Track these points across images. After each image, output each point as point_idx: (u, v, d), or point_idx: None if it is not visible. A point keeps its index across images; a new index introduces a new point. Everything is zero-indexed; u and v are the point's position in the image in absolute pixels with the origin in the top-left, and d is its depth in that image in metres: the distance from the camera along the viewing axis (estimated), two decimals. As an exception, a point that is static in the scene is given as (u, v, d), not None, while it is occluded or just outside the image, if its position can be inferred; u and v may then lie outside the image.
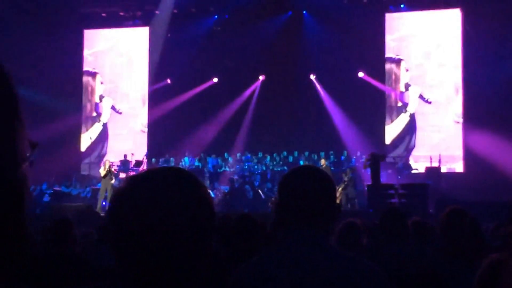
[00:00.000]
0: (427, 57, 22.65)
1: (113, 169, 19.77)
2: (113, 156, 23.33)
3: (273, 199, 18.47)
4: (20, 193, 0.84)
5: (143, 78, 25.08)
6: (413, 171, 21.20)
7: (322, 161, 20.61)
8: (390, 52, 23.13)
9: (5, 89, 0.92)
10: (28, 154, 0.96)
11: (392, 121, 22.88)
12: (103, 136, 25.16)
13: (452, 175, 20.63)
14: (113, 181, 19.22)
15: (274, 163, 22.84)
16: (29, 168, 0.99)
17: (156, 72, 24.74)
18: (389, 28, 23.10)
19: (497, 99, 19.73)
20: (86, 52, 25.19)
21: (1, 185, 0.84)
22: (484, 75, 20.47)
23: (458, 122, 21.87)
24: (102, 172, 19.73)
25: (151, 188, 1.51)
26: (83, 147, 24.90)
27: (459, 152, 21.40)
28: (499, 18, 20.12)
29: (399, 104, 22.93)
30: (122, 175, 20.65)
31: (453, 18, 22.30)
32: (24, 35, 22.02)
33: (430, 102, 22.35)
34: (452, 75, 22.23)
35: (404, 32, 22.90)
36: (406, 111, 22.77)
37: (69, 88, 24.54)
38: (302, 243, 2.37)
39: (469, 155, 20.65)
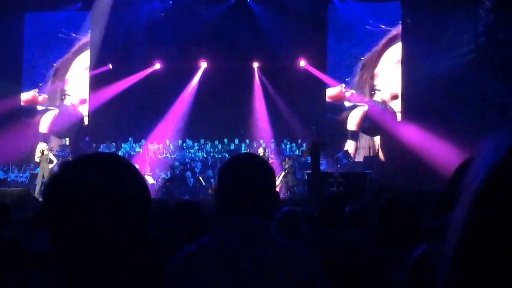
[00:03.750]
0: (369, 49, 22.91)
1: (49, 155, 19.51)
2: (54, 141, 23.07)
3: (213, 186, 18.47)
4: None
5: (85, 63, 24.70)
6: (351, 160, 21.47)
7: (260, 150, 20.63)
8: (332, 42, 23.31)
9: None
10: None
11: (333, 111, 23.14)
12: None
13: (389, 165, 20.97)
14: (51, 166, 19.01)
15: (216, 150, 22.86)
16: None
17: (98, 57, 24.40)
18: (332, 19, 23.27)
19: (434, 93, 20.08)
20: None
21: None
22: (421, 67, 20.83)
23: (396, 114, 22.26)
24: (37, 156, 19.56)
25: (84, 173, 1.51)
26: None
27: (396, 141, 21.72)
28: (437, 11, 20.45)
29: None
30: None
31: (394, 10, 22.58)
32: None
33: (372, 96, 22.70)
34: (393, 68, 22.56)
35: (346, 23, 23.07)
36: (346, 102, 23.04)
37: (9, 71, 24.01)
38: (241, 230, 2.38)
39: (406, 146, 20.99)
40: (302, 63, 23.46)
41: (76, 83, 24.86)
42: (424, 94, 20.45)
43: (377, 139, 22.38)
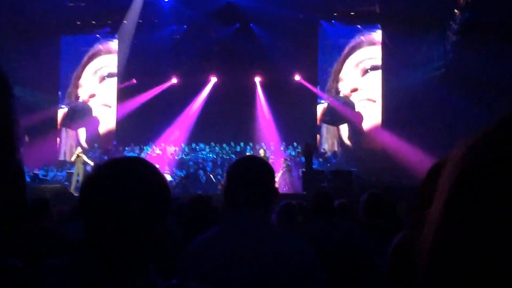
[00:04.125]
0: (353, 65, 22.90)
1: (83, 156, 19.60)
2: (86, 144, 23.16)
3: (222, 183, 18.47)
4: (22, 169, 0.86)
5: (113, 78, 24.73)
6: (340, 160, 21.45)
7: (261, 151, 20.74)
8: (321, 59, 23.32)
9: (2, 88, 0.92)
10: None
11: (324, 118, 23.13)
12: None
13: (373, 164, 20.95)
14: (83, 165, 19.17)
15: (224, 152, 22.86)
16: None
17: (124, 73, 24.46)
18: (322, 39, 23.27)
19: (410, 103, 20.07)
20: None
21: (9, 163, 0.85)
22: (399, 81, 20.83)
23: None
24: (73, 158, 19.76)
25: (114, 175, 1.55)
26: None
27: (380, 143, 21.70)
28: (411, 32, 20.47)
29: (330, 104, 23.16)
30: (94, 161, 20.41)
31: (374, 32, 22.58)
32: (13, 43, 21.59)
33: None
34: (374, 82, 22.55)
35: (334, 42, 23.07)
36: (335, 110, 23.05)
37: (49, 86, 24.07)
38: (246, 221, 2.38)
39: (386, 148, 20.97)
40: (297, 77, 23.51)
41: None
42: (400, 102, 20.44)
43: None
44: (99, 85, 24.84)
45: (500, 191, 0.50)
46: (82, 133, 24.50)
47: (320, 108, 22.97)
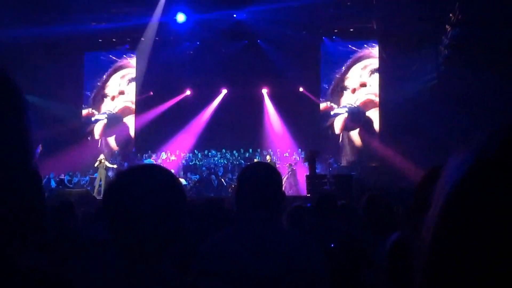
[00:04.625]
0: (354, 78, 22.88)
1: (105, 162, 19.71)
2: (107, 152, 23.23)
3: (233, 186, 18.49)
4: (38, 176, 0.86)
5: (132, 91, 24.81)
6: (340, 165, 21.43)
7: (268, 157, 20.80)
8: (323, 73, 23.32)
9: (15, 96, 0.91)
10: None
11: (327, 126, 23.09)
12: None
13: (371, 169, 20.92)
14: (105, 171, 19.28)
15: (234, 157, 22.87)
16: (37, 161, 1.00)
17: (142, 86, 24.54)
18: (324, 54, 23.29)
19: (404, 110, 20.01)
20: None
21: (25, 171, 0.84)
22: (395, 91, 20.81)
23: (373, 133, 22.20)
24: (96, 164, 19.89)
25: (134, 180, 1.59)
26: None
27: (376, 151, 21.65)
28: (405, 46, 20.48)
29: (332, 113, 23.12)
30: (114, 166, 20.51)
31: (373, 48, 22.58)
32: (40, 60, 21.73)
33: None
34: (372, 94, 22.54)
35: (335, 57, 23.08)
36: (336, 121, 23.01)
37: (73, 99, 24.22)
38: (256, 222, 2.39)
39: (383, 154, 20.92)
40: (301, 89, 23.52)
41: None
42: (397, 111, 20.40)
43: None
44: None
45: (491, 198, 0.50)
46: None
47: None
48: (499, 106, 15.91)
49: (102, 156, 20.17)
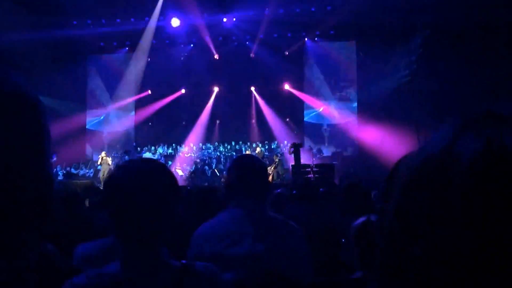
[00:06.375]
0: (334, 74, 22.93)
1: (107, 159, 19.66)
2: (108, 146, 23.16)
3: (224, 177, 18.48)
4: (51, 178, 0.87)
5: (131, 90, 24.68)
6: (323, 155, 21.49)
7: (258, 149, 20.82)
8: (307, 71, 23.35)
9: (35, 109, 0.91)
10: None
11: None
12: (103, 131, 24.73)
13: (350, 157, 21.01)
14: (108, 166, 19.21)
15: (226, 150, 22.87)
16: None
17: (140, 85, 24.44)
18: (306, 52, 23.31)
19: (380, 105, 20.07)
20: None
21: (40, 175, 0.82)
22: (372, 88, 20.87)
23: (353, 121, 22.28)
24: (99, 158, 19.82)
25: (132, 173, 1.59)
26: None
27: (355, 142, 21.73)
28: (381, 46, 20.47)
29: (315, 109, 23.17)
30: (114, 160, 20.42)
31: (350, 47, 22.61)
32: (47, 62, 21.52)
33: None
34: (350, 89, 22.60)
35: (316, 56, 23.10)
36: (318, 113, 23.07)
37: (78, 97, 24.07)
38: (245, 209, 2.40)
39: (361, 144, 21.01)
40: (286, 86, 23.51)
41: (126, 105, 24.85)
42: (373, 105, 20.47)
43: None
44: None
45: (437, 190, 0.53)
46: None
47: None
48: (470, 103, 15.96)
49: (103, 154, 20.11)
